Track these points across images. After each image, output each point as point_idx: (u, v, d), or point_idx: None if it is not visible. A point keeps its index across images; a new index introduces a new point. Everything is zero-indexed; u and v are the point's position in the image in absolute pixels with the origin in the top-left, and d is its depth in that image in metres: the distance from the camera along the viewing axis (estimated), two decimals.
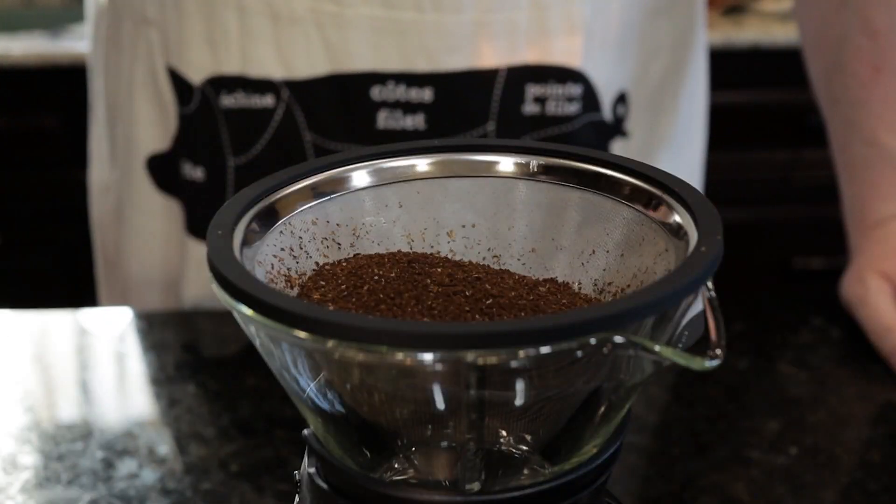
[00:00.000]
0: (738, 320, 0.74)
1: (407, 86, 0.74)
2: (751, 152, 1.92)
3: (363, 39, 0.73)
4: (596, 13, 0.76)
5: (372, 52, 0.74)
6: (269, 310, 0.31)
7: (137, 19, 0.79)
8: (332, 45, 0.74)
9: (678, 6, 0.84)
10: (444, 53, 0.74)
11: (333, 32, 0.73)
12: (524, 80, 0.76)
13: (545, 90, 0.76)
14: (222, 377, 0.69)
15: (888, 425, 0.64)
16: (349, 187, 0.42)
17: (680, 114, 0.88)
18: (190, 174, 0.79)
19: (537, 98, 0.76)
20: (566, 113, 0.77)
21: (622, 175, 0.41)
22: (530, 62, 0.75)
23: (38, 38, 1.87)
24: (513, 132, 0.77)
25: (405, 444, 0.36)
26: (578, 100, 0.77)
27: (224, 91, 0.75)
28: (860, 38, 0.74)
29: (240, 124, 0.76)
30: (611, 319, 0.30)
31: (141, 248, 0.85)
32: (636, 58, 0.82)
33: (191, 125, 0.78)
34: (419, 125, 0.75)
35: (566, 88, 0.77)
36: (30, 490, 0.57)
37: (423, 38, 0.73)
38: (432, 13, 0.72)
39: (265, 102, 0.75)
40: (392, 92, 0.74)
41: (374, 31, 0.73)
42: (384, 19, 0.73)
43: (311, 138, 0.76)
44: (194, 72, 0.76)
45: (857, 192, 0.77)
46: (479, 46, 0.74)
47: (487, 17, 0.73)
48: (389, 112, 0.75)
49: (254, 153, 0.76)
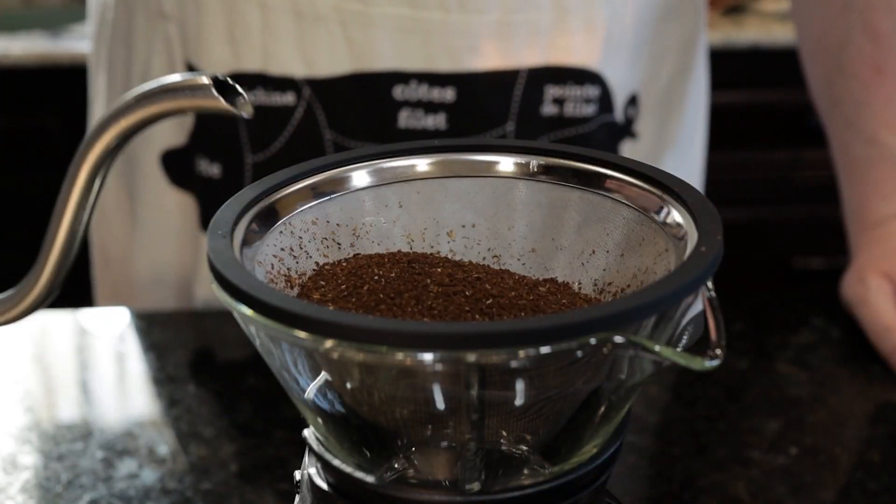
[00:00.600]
0: (738, 320, 0.74)
1: (429, 85, 0.75)
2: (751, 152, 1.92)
3: (387, 38, 0.73)
4: (613, 15, 0.77)
5: (395, 51, 0.74)
6: (269, 310, 0.31)
7: (152, 14, 0.79)
8: (356, 43, 0.74)
9: (685, 10, 0.85)
10: (467, 53, 0.74)
11: (357, 31, 0.73)
12: (544, 80, 0.76)
13: (564, 91, 0.77)
14: (222, 377, 0.69)
15: (888, 425, 0.63)
16: (349, 187, 0.42)
17: (685, 115, 0.88)
18: (206, 170, 0.79)
19: (556, 99, 0.77)
20: (583, 114, 0.78)
21: (622, 175, 0.41)
22: (550, 63, 0.76)
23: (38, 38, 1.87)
24: (531, 133, 0.77)
25: (405, 444, 0.36)
26: (595, 101, 0.78)
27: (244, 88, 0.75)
28: (862, 41, 0.74)
29: (259, 122, 0.76)
30: (611, 319, 0.30)
31: (152, 245, 0.85)
32: (647, 60, 0.83)
33: (208, 121, 0.78)
34: (440, 125, 0.76)
35: (584, 90, 0.77)
36: (30, 490, 0.57)
37: (447, 38, 0.73)
38: (457, 13, 0.73)
39: (286, 100, 0.75)
40: (414, 91, 0.75)
41: (398, 31, 0.73)
42: (409, 18, 0.73)
43: (332, 137, 0.76)
44: (213, 68, 0.76)
45: (857, 191, 0.77)
46: (501, 47, 0.74)
47: (510, 17, 0.74)
48: (411, 111, 0.75)
49: (272, 151, 0.77)
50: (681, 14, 0.84)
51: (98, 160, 0.41)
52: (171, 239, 0.84)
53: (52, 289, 0.43)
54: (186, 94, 0.39)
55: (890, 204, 0.74)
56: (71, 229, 0.42)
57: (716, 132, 1.13)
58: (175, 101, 0.39)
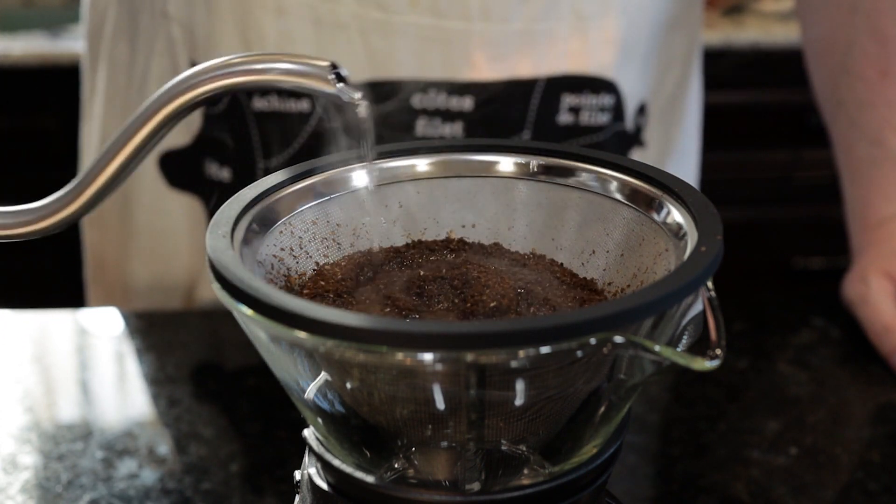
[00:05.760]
0: (738, 320, 0.74)
1: (448, 94, 0.75)
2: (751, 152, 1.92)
3: (408, 47, 0.73)
4: (629, 24, 0.77)
5: (415, 59, 0.74)
6: (269, 310, 0.31)
7: (156, 13, 0.79)
8: (376, 51, 0.74)
9: (689, 20, 0.86)
10: (487, 62, 0.74)
11: (378, 39, 0.73)
12: (560, 89, 0.76)
13: (580, 100, 0.77)
14: (222, 377, 0.69)
15: (888, 425, 0.63)
16: (349, 187, 0.42)
17: (685, 122, 0.89)
18: (216, 174, 0.79)
19: (572, 108, 0.77)
20: (598, 123, 0.78)
21: (622, 175, 0.41)
22: (568, 72, 0.76)
23: (37, 38, 1.86)
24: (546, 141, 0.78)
25: (405, 444, 0.36)
26: (610, 110, 0.79)
27: (256, 94, 0.75)
28: (869, 44, 0.75)
29: (272, 127, 0.76)
30: (611, 319, 0.30)
31: (149, 248, 0.85)
32: (655, 69, 0.83)
33: (218, 126, 0.78)
34: (457, 133, 0.76)
35: (600, 99, 0.78)
36: (30, 490, 0.57)
37: (468, 47, 0.73)
38: (479, 23, 0.73)
39: (300, 107, 0.75)
40: (433, 100, 0.75)
41: (419, 40, 0.73)
42: (431, 28, 0.73)
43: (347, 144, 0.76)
44: None
45: (860, 192, 0.77)
46: (521, 56, 0.75)
47: (533, 26, 0.74)
48: (428, 120, 0.75)
49: (286, 156, 0.76)
50: (685, 24, 0.85)
51: (181, 106, 0.39)
52: (169, 241, 0.84)
53: (84, 212, 0.41)
54: (303, 72, 0.38)
55: (892, 204, 0.74)
56: (123, 165, 0.40)
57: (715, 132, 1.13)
58: (287, 77, 0.38)
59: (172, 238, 0.84)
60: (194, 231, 0.83)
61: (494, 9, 0.72)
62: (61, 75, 1.82)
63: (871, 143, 0.75)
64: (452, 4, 0.72)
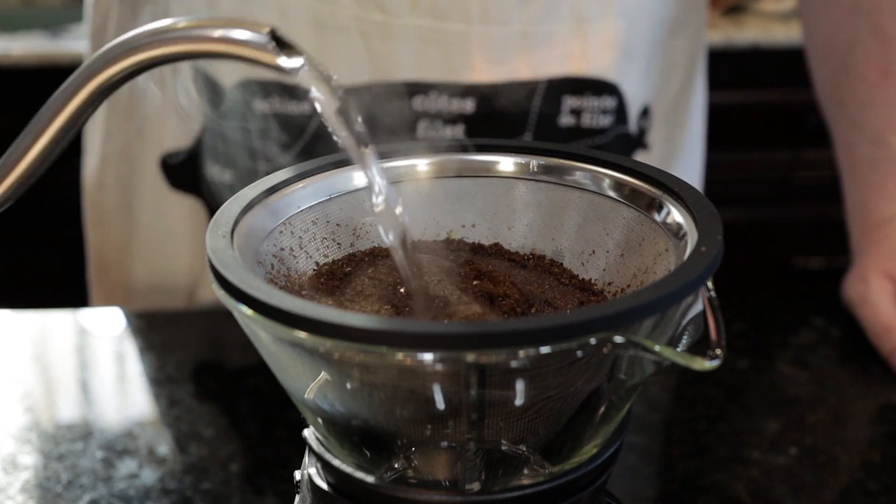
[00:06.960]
0: (738, 320, 0.74)
1: (449, 96, 0.74)
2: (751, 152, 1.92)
3: (408, 49, 0.73)
4: (628, 26, 0.77)
5: (416, 62, 0.74)
6: (269, 310, 0.31)
7: (159, 14, 0.79)
8: (376, 54, 0.73)
9: (693, 23, 0.86)
10: (488, 65, 0.74)
11: (378, 42, 0.73)
12: (562, 91, 0.76)
13: (581, 102, 0.77)
14: (222, 377, 0.69)
15: (888, 425, 0.63)
16: (349, 187, 0.42)
17: (690, 125, 0.89)
18: (218, 177, 0.79)
19: (573, 110, 0.77)
20: (600, 125, 0.78)
21: (622, 175, 0.41)
22: (569, 74, 0.76)
23: (38, 38, 1.86)
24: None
25: (405, 444, 0.36)
26: (612, 112, 0.79)
27: (258, 96, 0.75)
28: (871, 43, 0.75)
29: (274, 129, 0.76)
30: (611, 319, 0.30)
31: (151, 249, 0.85)
32: (658, 72, 0.83)
33: (219, 127, 0.78)
34: (458, 136, 0.75)
35: (601, 101, 0.78)
36: (30, 490, 0.57)
37: (469, 50, 0.73)
38: (480, 25, 0.73)
39: (302, 109, 0.75)
40: (434, 102, 0.75)
41: (420, 42, 0.73)
42: (431, 30, 0.72)
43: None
44: (226, 74, 0.75)
45: (861, 192, 0.77)
46: (521, 58, 0.74)
47: (532, 28, 0.74)
48: (430, 122, 0.75)
49: (288, 158, 0.76)
50: (688, 28, 0.85)
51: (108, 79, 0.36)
52: (170, 242, 0.84)
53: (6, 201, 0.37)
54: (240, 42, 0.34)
55: (893, 204, 0.74)
56: (43, 153, 0.36)
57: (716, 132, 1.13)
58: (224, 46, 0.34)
59: (174, 239, 0.84)
60: (195, 232, 0.83)
61: (494, 11, 0.72)
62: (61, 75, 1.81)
63: (872, 143, 0.75)
64: (452, 6, 0.72)
